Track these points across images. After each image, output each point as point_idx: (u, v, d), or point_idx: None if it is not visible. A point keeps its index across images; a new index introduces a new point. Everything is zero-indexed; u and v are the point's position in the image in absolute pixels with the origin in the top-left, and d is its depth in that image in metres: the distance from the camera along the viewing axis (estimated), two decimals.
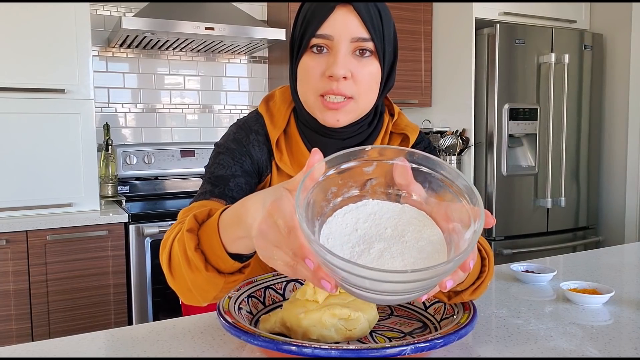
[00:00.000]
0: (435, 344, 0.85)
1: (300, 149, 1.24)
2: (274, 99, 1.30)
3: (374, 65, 1.13)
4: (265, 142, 1.25)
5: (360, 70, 1.12)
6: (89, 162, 3.00)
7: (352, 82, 1.12)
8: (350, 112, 1.15)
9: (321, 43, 1.11)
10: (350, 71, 1.11)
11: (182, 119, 3.91)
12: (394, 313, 1.17)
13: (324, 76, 1.12)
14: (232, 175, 1.19)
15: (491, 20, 3.95)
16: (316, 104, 1.15)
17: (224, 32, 3.30)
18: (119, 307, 2.98)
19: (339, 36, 1.10)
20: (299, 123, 1.26)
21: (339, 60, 1.09)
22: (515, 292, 1.38)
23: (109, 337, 1.08)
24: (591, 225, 4.36)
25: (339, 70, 1.09)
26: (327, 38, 1.10)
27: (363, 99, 1.15)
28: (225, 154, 1.23)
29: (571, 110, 4.10)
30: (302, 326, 0.96)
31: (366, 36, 1.10)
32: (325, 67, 1.11)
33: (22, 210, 2.86)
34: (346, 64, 1.10)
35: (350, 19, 1.09)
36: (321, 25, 1.10)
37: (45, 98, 2.87)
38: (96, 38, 3.55)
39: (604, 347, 1.01)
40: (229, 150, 1.23)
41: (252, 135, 1.24)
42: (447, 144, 4.01)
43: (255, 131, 1.25)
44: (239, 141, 1.24)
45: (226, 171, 1.20)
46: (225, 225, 0.92)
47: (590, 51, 4.17)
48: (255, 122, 1.27)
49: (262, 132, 1.25)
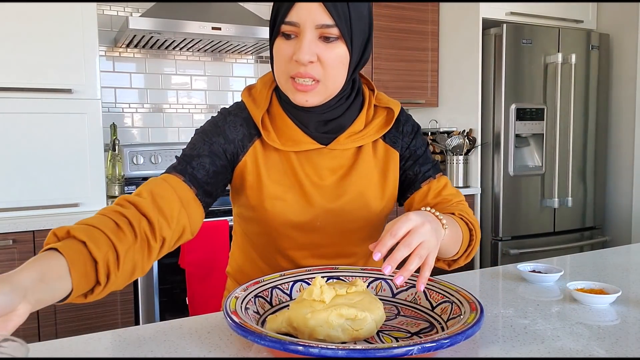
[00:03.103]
0: (442, 344, 0.85)
1: (286, 123, 1.30)
2: (255, 87, 1.37)
3: (340, 48, 1.17)
4: (243, 123, 1.31)
5: (326, 54, 1.17)
6: (95, 162, 3.00)
7: (319, 65, 1.17)
8: (319, 93, 1.21)
9: (289, 30, 1.17)
10: (316, 55, 1.16)
11: (189, 119, 3.91)
12: (400, 313, 1.17)
13: (292, 60, 1.17)
14: (197, 155, 1.23)
15: (498, 20, 3.95)
16: (287, 85, 1.22)
17: (230, 32, 3.30)
18: (125, 307, 2.98)
19: (304, 23, 1.14)
20: (281, 101, 1.32)
21: (303, 46, 1.14)
22: (522, 292, 1.38)
23: (115, 337, 1.08)
24: (598, 225, 4.35)
25: (304, 55, 1.14)
26: (294, 25, 1.15)
27: (330, 81, 1.20)
28: (199, 135, 1.29)
29: (578, 110, 4.10)
30: (309, 326, 0.96)
31: (330, 22, 1.14)
32: (293, 52, 1.17)
33: (29, 210, 2.86)
34: (311, 49, 1.15)
35: (314, 7, 1.13)
36: (288, 13, 1.15)
37: (52, 98, 2.88)
38: (103, 38, 3.56)
39: (611, 347, 1.01)
40: (203, 132, 1.29)
41: (229, 117, 1.31)
42: (454, 144, 4.01)
43: (234, 114, 1.32)
44: (215, 123, 1.31)
45: (193, 151, 1.25)
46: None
47: (597, 51, 4.16)
48: (235, 107, 1.34)
49: (241, 115, 1.32)
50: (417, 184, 1.40)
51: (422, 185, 1.40)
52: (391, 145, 1.39)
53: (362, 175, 1.34)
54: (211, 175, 1.23)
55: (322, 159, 1.31)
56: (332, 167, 1.32)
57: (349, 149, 1.33)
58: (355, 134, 1.32)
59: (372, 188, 1.35)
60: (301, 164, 1.30)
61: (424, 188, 1.40)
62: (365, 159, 1.35)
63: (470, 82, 4.02)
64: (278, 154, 1.31)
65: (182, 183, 1.18)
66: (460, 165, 4.04)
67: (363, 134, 1.33)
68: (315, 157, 1.31)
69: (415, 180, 1.41)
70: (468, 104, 4.07)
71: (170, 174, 1.19)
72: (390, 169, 1.38)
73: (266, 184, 1.29)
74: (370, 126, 1.34)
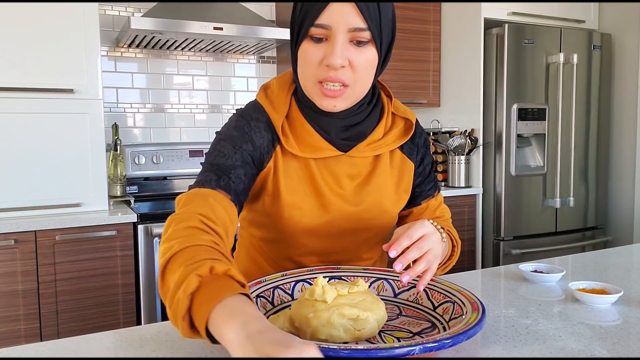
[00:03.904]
0: (444, 344, 0.85)
1: (306, 129, 1.26)
2: (271, 88, 1.32)
3: (370, 52, 1.15)
4: (266, 128, 1.26)
5: (357, 58, 1.14)
6: (97, 162, 3.01)
7: (350, 69, 1.15)
8: (347, 98, 1.19)
9: (319, 33, 1.13)
10: (347, 59, 1.13)
11: (190, 119, 3.91)
12: (402, 313, 1.17)
13: (322, 64, 1.14)
14: (232, 166, 1.19)
15: (500, 20, 3.95)
16: (314, 90, 1.18)
17: (232, 32, 3.30)
18: (127, 307, 2.98)
19: (337, 26, 1.11)
20: (301, 106, 1.28)
21: (336, 50, 1.11)
22: (524, 292, 1.38)
23: (117, 337, 1.08)
24: (600, 225, 4.35)
25: (336, 60, 1.11)
26: (325, 28, 1.12)
27: (359, 85, 1.18)
28: (227, 141, 1.24)
29: (580, 110, 4.09)
30: (311, 326, 0.96)
31: (363, 26, 1.11)
32: (324, 56, 1.13)
33: (31, 210, 2.87)
34: (343, 53, 1.12)
35: (348, 10, 1.10)
36: (319, 15, 1.11)
37: (53, 98, 2.88)
38: (105, 38, 3.57)
39: (613, 347, 1.01)
40: (230, 138, 1.24)
41: (253, 122, 1.26)
42: (455, 144, 4.00)
43: (256, 118, 1.26)
44: (241, 128, 1.25)
45: (227, 160, 1.20)
46: (226, 313, 0.78)
47: (599, 51, 4.16)
48: (255, 110, 1.29)
49: (263, 119, 1.27)
50: (418, 200, 1.45)
51: (421, 203, 1.45)
52: (408, 156, 1.40)
53: (379, 183, 1.34)
54: (247, 187, 1.22)
55: (341, 167, 1.30)
56: (351, 175, 1.31)
57: (367, 157, 1.32)
58: (374, 142, 1.31)
59: (387, 196, 1.35)
60: (320, 171, 1.29)
61: (423, 205, 1.45)
62: (382, 168, 1.34)
63: (472, 82, 4.02)
64: (297, 160, 1.28)
65: (230, 203, 1.14)
66: (462, 165, 4.04)
67: (381, 143, 1.32)
68: (334, 164, 1.30)
69: (417, 196, 1.45)
70: (470, 104, 4.06)
71: (216, 191, 1.14)
72: (405, 179, 1.39)
73: (284, 192, 1.27)
74: (389, 135, 1.33)
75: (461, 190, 3.88)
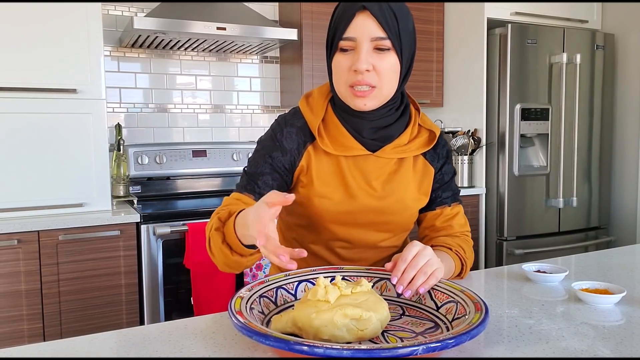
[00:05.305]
0: (447, 344, 0.85)
1: (340, 131, 1.46)
2: (312, 95, 1.53)
3: (392, 58, 1.35)
4: (298, 132, 1.48)
5: (380, 63, 1.34)
6: (100, 162, 3.01)
7: (374, 73, 1.35)
8: (375, 98, 1.38)
9: (347, 45, 1.35)
10: (371, 64, 1.34)
11: (193, 119, 3.92)
12: (405, 313, 1.17)
13: (351, 70, 1.35)
14: (260, 174, 1.44)
15: (503, 20, 3.94)
16: (347, 93, 1.39)
17: (235, 32, 3.30)
18: (130, 307, 2.99)
19: (361, 37, 1.33)
20: (336, 110, 1.48)
21: (361, 56, 1.32)
22: (527, 292, 1.38)
23: (120, 337, 1.08)
24: (603, 225, 4.34)
25: (362, 64, 1.32)
26: (351, 40, 1.34)
27: (385, 87, 1.38)
28: (260, 152, 1.49)
29: (583, 110, 4.09)
30: (314, 326, 0.97)
31: (383, 35, 1.32)
32: (352, 63, 1.35)
33: (34, 210, 2.87)
34: (368, 59, 1.33)
35: (369, 23, 1.32)
36: (346, 29, 1.33)
37: (56, 98, 2.89)
38: (108, 38, 3.57)
39: (616, 347, 1.01)
40: (263, 148, 1.49)
41: (286, 129, 1.48)
42: (458, 144, 4.00)
43: (290, 124, 1.48)
44: (274, 137, 1.48)
45: (257, 169, 1.46)
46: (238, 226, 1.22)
47: (602, 51, 4.15)
48: (293, 116, 1.51)
49: (297, 124, 1.48)
50: (433, 205, 1.59)
51: (436, 208, 1.59)
52: (430, 162, 1.56)
53: (402, 183, 1.50)
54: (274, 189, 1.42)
55: (368, 165, 1.47)
56: (377, 173, 1.48)
57: (392, 159, 1.49)
58: (399, 146, 1.48)
59: (409, 195, 1.51)
60: (349, 168, 1.46)
61: (437, 211, 1.58)
62: (406, 169, 1.51)
63: (475, 82, 4.02)
64: (329, 158, 1.47)
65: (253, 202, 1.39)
66: (465, 165, 4.04)
67: (406, 148, 1.49)
68: (362, 162, 1.47)
69: (433, 202, 1.58)
70: (473, 104, 4.06)
71: (242, 194, 1.43)
72: (425, 182, 1.55)
73: (317, 183, 1.46)
74: (414, 143, 1.50)
75: (464, 190, 3.87)
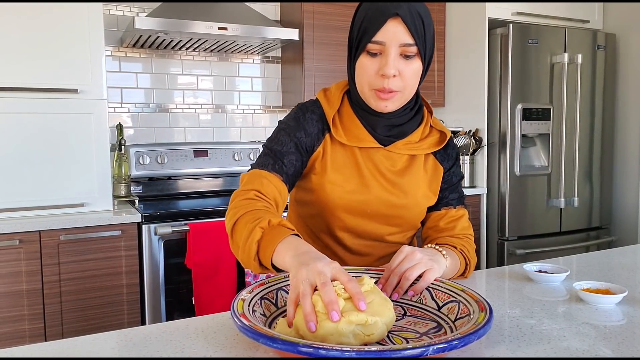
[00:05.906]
0: (456, 345, 0.86)
1: (354, 123, 1.50)
2: (329, 89, 1.57)
3: (417, 64, 1.39)
4: (319, 120, 1.51)
5: (406, 69, 1.37)
6: (102, 162, 3.01)
7: (400, 79, 1.38)
8: (397, 101, 1.42)
9: (375, 49, 1.37)
10: (398, 70, 1.36)
11: (195, 119, 3.92)
12: (407, 313, 1.17)
13: (377, 74, 1.38)
14: (286, 152, 1.46)
15: (504, 20, 3.94)
16: (370, 94, 1.42)
17: (237, 32, 3.31)
18: (131, 307, 2.99)
19: (390, 42, 1.35)
20: (353, 105, 1.52)
21: (389, 62, 1.35)
22: (529, 292, 1.38)
23: (122, 337, 1.08)
24: (604, 225, 4.34)
25: (390, 70, 1.35)
26: (381, 44, 1.35)
27: (407, 91, 1.42)
28: (285, 131, 1.50)
29: (584, 110, 4.09)
30: (318, 336, 0.94)
31: (411, 42, 1.35)
32: (379, 67, 1.37)
33: (35, 210, 2.87)
34: (395, 65, 1.35)
35: (399, 29, 1.34)
36: (376, 33, 1.35)
37: (58, 98, 2.89)
38: (109, 38, 3.57)
39: (617, 347, 1.01)
40: (288, 127, 1.50)
41: (307, 114, 1.51)
42: (460, 144, 4.00)
43: (311, 111, 1.52)
44: (297, 119, 1.51)
45: (283, 147, 1.46)
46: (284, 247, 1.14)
47: (603, 51, 4.15)
48: (312, 104, 1.55)
49: (317, 112, 1.52)
50: (438, 205, 1.61)
51: (441, 209, 1.61)
52: (439, 162, 1.60)
53: (414, 179, 1.53)
54: (298, 170, 1.48)
55: (380, 158, 1.51)
56: (388, 166, 1.51)
57: (404, 155, 1.53)
58: (411, 143, 1.52)
59: (420, 191, 1.54)
60: (364, 159, 1.50)
61: (442, 211, 1.60)
62: (416, 166, 1.54)
63: (476, 82, 4.02)
64: (343, 148, 1.51)
65: (281, 183, 1.42)
66: (467, 165, 4.04)
67: (417, 146, 1.53)
68: (374, 155, 1.50)
69: (439, 202, 1.61)
70: (474, 104, 4.06)
71: (271, 174, 1.42)
72: (435, 181, 1.58)
73: (329, 171, 1.49)
74: (425, 142, 1.54)
75: (466, 190, 3.87)
